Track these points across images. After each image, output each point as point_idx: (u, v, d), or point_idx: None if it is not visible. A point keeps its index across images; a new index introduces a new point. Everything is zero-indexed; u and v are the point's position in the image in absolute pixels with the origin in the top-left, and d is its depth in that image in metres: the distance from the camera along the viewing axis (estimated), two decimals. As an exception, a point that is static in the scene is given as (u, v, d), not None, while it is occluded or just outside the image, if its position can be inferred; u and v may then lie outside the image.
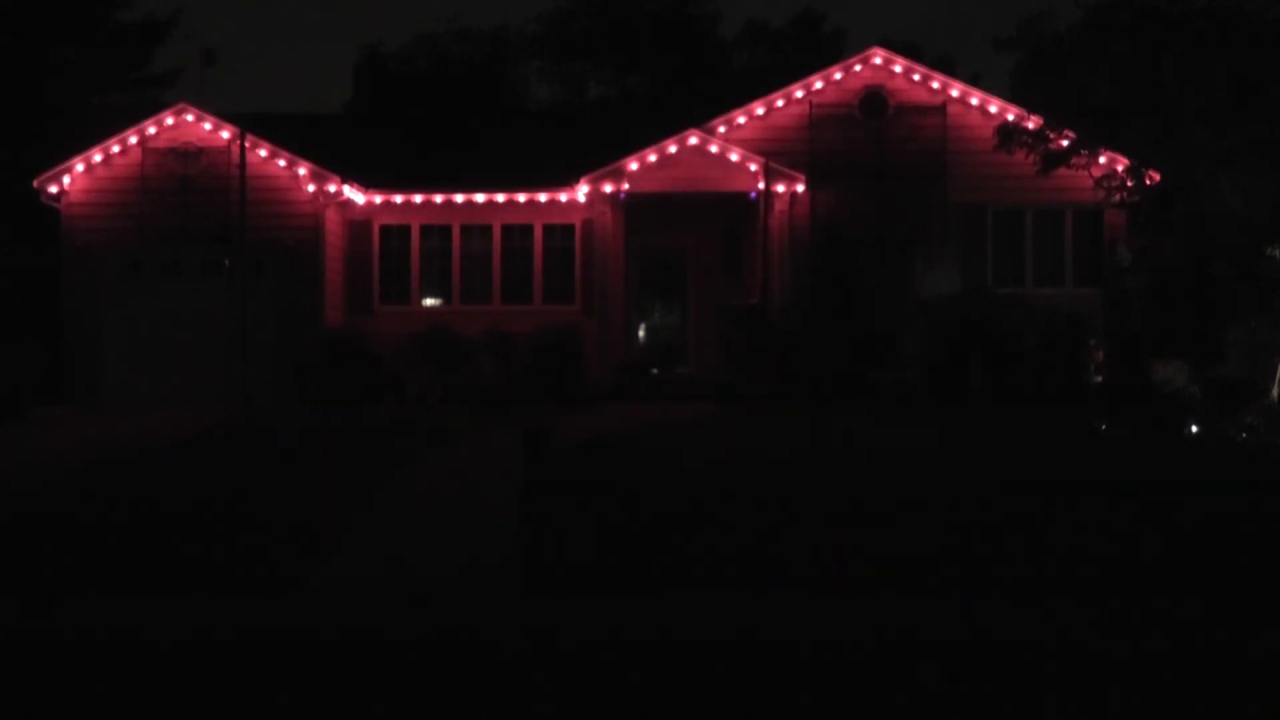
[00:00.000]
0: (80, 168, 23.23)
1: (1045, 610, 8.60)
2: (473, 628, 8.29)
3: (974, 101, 23.56)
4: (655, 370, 23.26)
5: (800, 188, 22.95)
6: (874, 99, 23.67)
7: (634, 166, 22.95)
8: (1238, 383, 20.11)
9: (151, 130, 23.23)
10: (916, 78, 23.73)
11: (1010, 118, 22.56)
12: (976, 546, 10.09)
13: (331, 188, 23.05)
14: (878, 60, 23.83)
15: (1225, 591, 9.01)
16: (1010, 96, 23.68)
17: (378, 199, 24.06)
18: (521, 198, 23.97)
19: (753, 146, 23.05)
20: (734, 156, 22.83)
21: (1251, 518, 10.75)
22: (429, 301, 24.39)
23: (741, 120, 23.62)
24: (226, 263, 19.65)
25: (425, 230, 24.38)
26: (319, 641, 7.97)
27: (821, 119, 23.56)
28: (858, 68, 23.85)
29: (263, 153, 22.80)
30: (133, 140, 23.22)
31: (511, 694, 6.86)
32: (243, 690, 6.98)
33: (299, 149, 23.19)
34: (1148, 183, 21.43)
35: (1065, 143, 21.48)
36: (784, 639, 7.94)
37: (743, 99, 24.04)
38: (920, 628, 8.13)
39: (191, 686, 7.04)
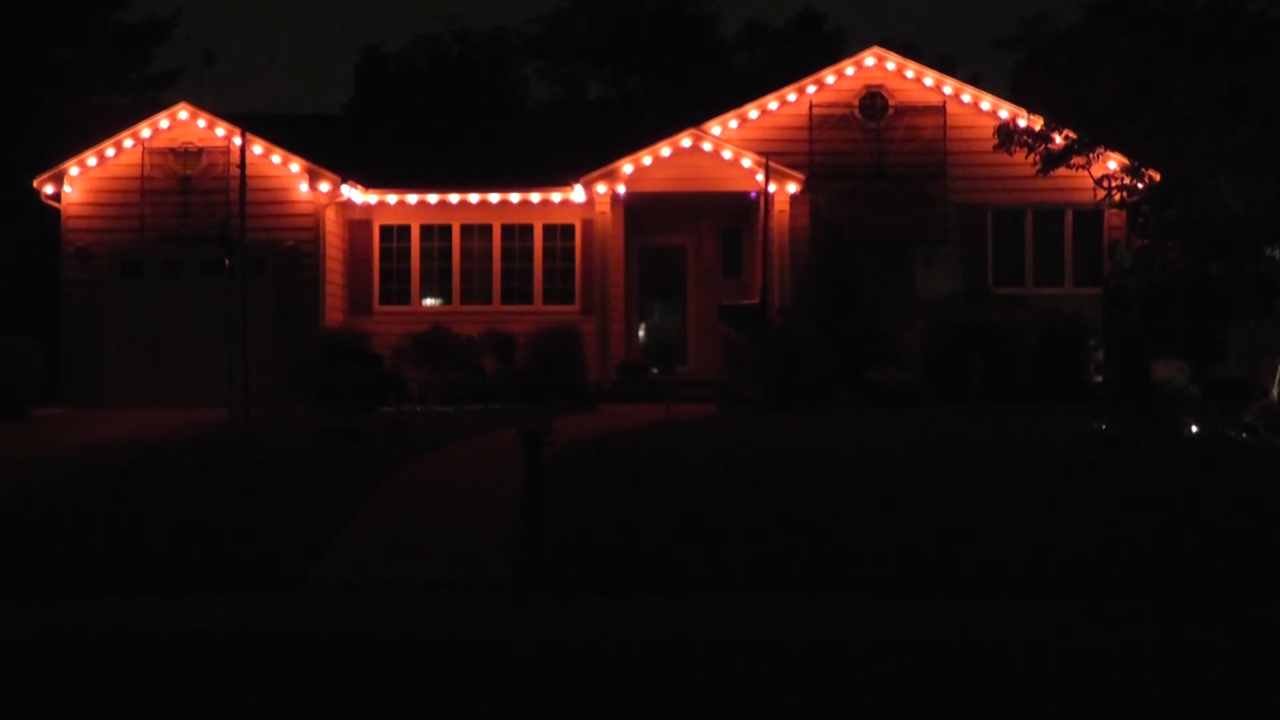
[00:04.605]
0: (80, 168, 23.23)
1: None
2: (473, 627, 8.29)
3: (973, 101, 23.57)
4: (655, 370, 23.26)
5: (800, 188, 22.94)
6: (873, 99, 23.69)
7: (634, 166, 22.96)
8: (1238, 383, 20.11)
9: (151, 130, 23.23)
10: (916, 77, 23.73)
11: (1010, 117, 22.55)
12: (986, 548, 10.09)
13: (331, 187, 23.05)
14: (877, 60, 23.84)
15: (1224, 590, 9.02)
16: (1010, 96, 23.69)
17: (377, 199, 24.06)
18: (521, 198, 23.96)
19: (753, 146, 23.05)
20: (733, 156, 22.83)
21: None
22: (429, 301, 24.39)
23: (741, 120, 23.63)
24: (226, 263, 19.61)
25: (425, 230, 24.38)
26: (318, 642, 7.96)
27: (821, 119, 23.57)
28: (857, 68, 23.86)
29: (261, 151, 22.78)
30: (132, 140, 23.22)
31: (513, 693, 6.85)
32: (241, 690, 6.98)
33: (299, 149, 23.19)
34: (1148, 183, 21.44)
35: (1065, 142, 21.47)
36: (789, 637, 7.94)
37: (742, 99, 24.06)
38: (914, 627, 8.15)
39: (190, 686, 7.04)
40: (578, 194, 23.50)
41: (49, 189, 23.30)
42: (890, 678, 7.04)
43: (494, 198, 24.03)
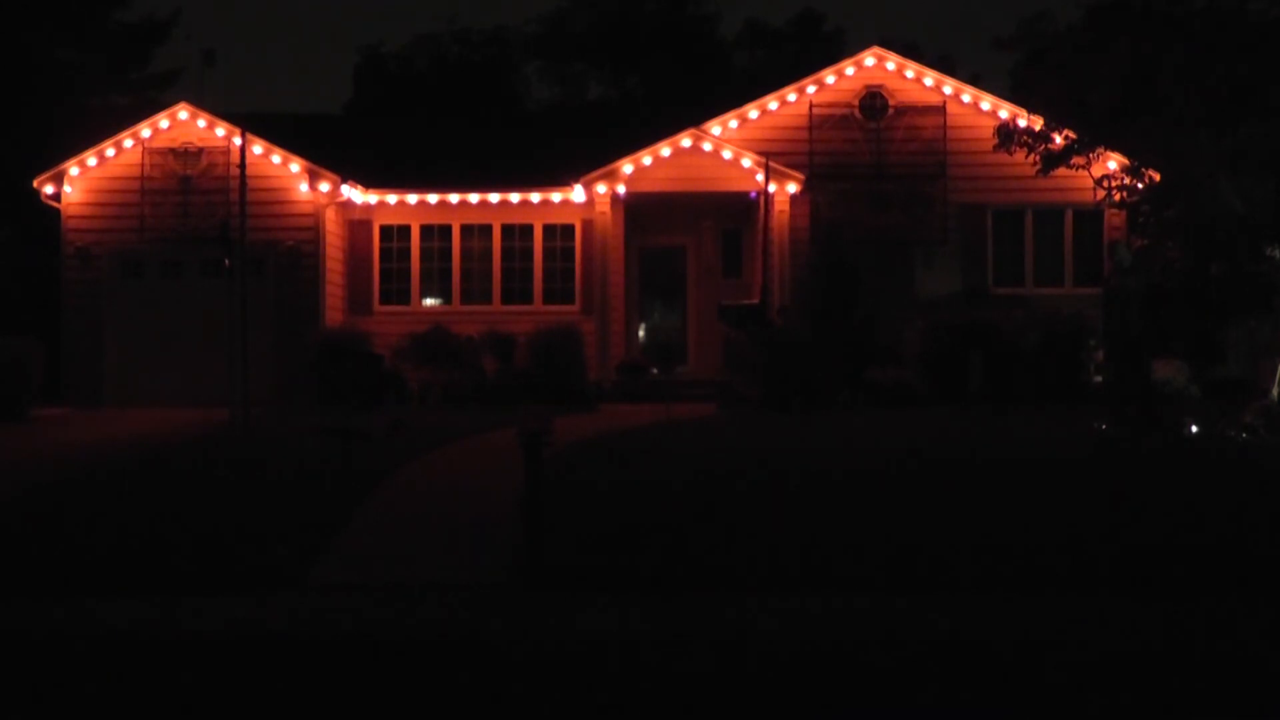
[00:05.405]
0: (80, 168, 23.21)
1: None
2: (473, 627, 8.29)
3: (973, 101, 23.56)
4: (655, 370, 23.24)
5: (800, 188, 22.92)
6: (873, 99, 23.68)
7: (634, 167, 22.95)
8: (1238, 383, 20.11)
9: (151, 130, 23.21)
10: (916, 77, 23.72)
11: (1010, 117, 22.55)
12: (986, 549, 10.10)
13: (331, 187, 23.04)
14: (877, 60, 23.83)
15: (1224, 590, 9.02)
16: (1010, 96, 23.69)
17: (377, 199, 24.05)
18: (521, 198, 23.95)
19: (753, 146, 23.04)
20: (733, 156, 22.82)
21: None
22: (429, 301, 24.38)
23: (741, 120, 23.62)
24: (226, 263, 19.62)
25: (425, 230, 24.37)
26: (317, 642, 7.97)
27: (821, 119, 23.56)
28: (857, 68, 23.85)
29: (261, 151, 22.77)
30: (132, 140, 23.21)
31: (512, 693, 6.85)
32: (241, 690, 6.98)
33: (299, 149, 23.18)
34: (1148, 183, 21.44)
35: (1065, 142, 21.48)
36: (789, 637, 7.95)
37: (742, 99, 24.06)
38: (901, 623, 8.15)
39: (190, 686, 7.04)
40: (578, 194, 23.49)
41: (49, 189, 23.29)
42: (891, 678, 7.04)
43: (494, 198, 24.02)
